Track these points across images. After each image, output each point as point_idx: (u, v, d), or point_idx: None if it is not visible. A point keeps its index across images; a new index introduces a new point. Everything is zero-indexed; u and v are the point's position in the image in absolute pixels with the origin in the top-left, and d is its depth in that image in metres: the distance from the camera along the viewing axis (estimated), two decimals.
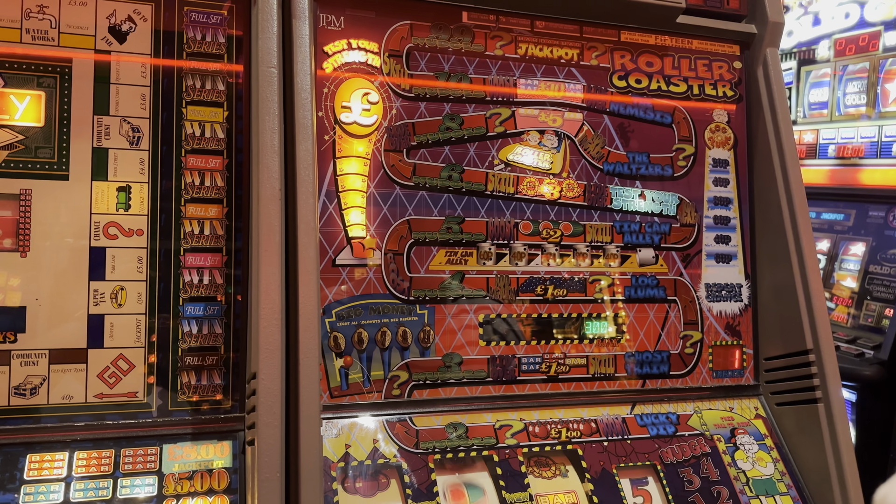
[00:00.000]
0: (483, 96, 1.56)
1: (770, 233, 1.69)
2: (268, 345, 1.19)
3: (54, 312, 1.26)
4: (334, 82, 1.46)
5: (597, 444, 1.49)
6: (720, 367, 1.67)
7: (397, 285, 1.45)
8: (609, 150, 1.64)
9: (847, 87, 3.13)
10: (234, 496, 1.24)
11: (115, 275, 1.29)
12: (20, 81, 1.27)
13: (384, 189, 1.47)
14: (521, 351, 1.53)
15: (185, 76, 1.37)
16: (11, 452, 1.19)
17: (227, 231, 1.36)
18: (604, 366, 1.58)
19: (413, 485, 1.33)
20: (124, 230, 1.31)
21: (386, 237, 1.46)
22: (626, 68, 1.68)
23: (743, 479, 1.53)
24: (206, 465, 1.26)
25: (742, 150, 1.76)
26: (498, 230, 1.54)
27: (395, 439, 1.37)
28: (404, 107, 1.50)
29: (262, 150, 1.28)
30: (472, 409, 1.46)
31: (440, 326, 1.48)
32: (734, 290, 1.71)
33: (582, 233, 1.60)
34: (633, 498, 1.45)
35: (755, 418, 1.64)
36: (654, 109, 1.69)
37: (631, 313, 1.62)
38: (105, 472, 1.21)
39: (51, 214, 1.27)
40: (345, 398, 1.39)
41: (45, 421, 1.24)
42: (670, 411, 1.59)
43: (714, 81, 1.75)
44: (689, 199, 1.70)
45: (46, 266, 1.26)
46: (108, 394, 1.27)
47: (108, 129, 1.31)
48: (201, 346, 1.32)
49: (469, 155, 1.54)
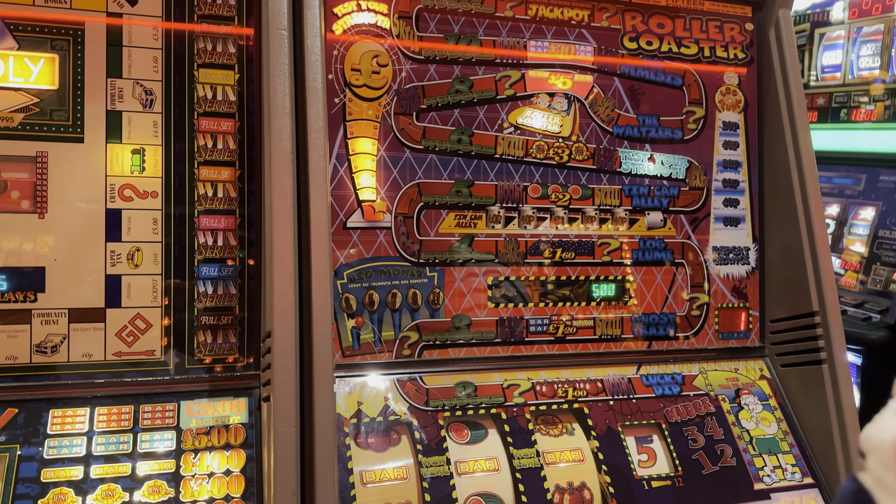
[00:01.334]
0: (493, 58, 1.56)
1: (779, 196, 1.69)
2: (282, 304, 1.22)
3: (72, 273, 1.28)
4: (344, 45, 1.46)
5: (602, 403, 1.52)
6: (726, 328, 1.69)
7: (407, 248, 1.47)
8: (619, 112, 1.65)
9: (861, 50, 3.09)
10: (250, 450, 1.28)
11: (130, 236, 1.32)
12: (34, 44, 1.28)
13: (394, 152, 1.48)
14: (528, 313, 1.55)
15: (196, 39, 1.38)
16: (34, 408, 1.23)
17: (239, 193, 1.38)
18: (611, 327, 1.61)
19: (423, 440, 1.37)
20: (139, 192, 1.33)
21: (396, 200, 1.47)
22: (636, 30, 1.67)
23: (746, 437, 1.56)
24: (223, 420, 1.29)
25: (752, 113, 1.76)
26: (507, 193, 1.55)
27: (406, 397, 1.41)
28: (414, 69, 1.50)
29: (273, 113, 1.29)
30: (481, 369, 1.50)
31: (450, 288, 1.50)
32: (741, 253, 1.72)
33: (591, 196, 1.61)
34: (637, 455, 1.48)
35: (760, 379, 1.67)
36: (664, 72, 1.69)
37: (638, 276, 1.64)
38: (125, 427, 1.25)
39: (67, 176, 1.29)
40: (356, 357, 1.42)
41: (66, 378, 1.27)
42: (676, 372, 1.62)
43: (725, 43, 1.74)
44: (698, 162, 1.70)
45: (64, 227, 1.28)
46: (127, 352, 1.31)
47: (121, 92, 1.33)
48: (217, 306, 1.35)
49: (479, 118, 1.55)
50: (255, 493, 1.24)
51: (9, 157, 1.26)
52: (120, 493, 1.19)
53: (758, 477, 1.52)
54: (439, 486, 1.33)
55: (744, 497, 1.49)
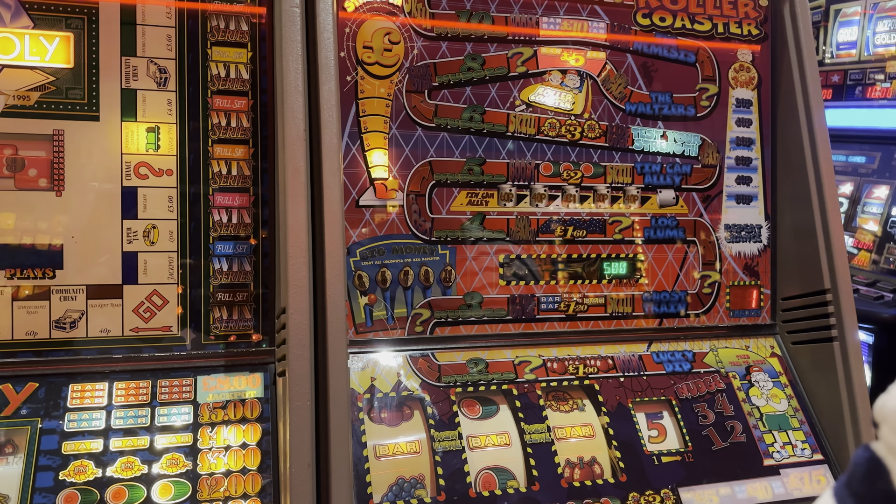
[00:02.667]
0: (505, 35, 1.56)
1: (792, 174, 1.69)
2: (296, 280, 1.23)
3: (90, 250, 1.30)
4: (356, 22, 1.46)
5: (613, 379, 1.53)
6: (737, 306, 1.70)
7: (419, 226, 1.48)
8: (632, 90, 1.64)
9: (877, 26, 3.05)
10: (266, 424, 1.30)
11: (146, 213, 1.33)
12: (49, 23, 1.29)
13: (406, 130, 1.48)
14: (540, 290, 1.56)
15: (209, 17, 1.38)
16: (55, 382, 1.26)
17: (253, 171, 1.39)
18: (622, 305, 1.61)
19: (435, 416, 1.38)
20: (154, 170, 1.34)
21: (408, 178, 1.48)
22: (650, 6, 1.66)
23: (757, 414, 1.57)
24: (239, 395, 1.32)
25: (766, 91, 1.74)
26: (519, 171, 1.56)
27: (418, 373, 1.42)
28: (426, 47, 1.50)
29: (286, 91, 1.29)
30: (493, 346, 1.51)
31: (461, 266, 1.51)
32: (754, 230, 1.72)
33: (602, 174, 1.61)
34: (648, 431, 1.50)
35: (770, 356, 1.67)
36: (677, 48, 1.68)
37: (650, 254, 1.64)
38: (143, 401, 1.28)
39: (83, 154, 1.30)
40: (369, 334, 1.44)
41: (85, 353, 1.30)
42: (686, 349, 1.62)
43: (739, 20, 1.72)
44: (711, 139, 1.70)
45: (81, 205, 1.30)
46: (144, 328, 1.33)
47: (135, 71, 1.34)
48: (232, 282, 1.37)
49: (490, 96, 1.54)
50: (270, 466, 1.26)
51: (26, 136, 1.28)
52: (139, 465, 1.21)
53: (767, 453, 1.53)
54: (451, 459, 1.35)
55: (753, 473, 1.50)
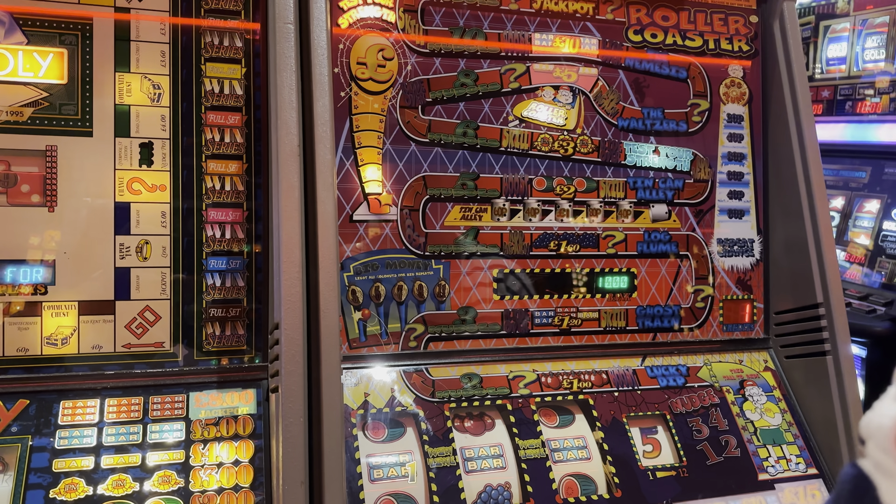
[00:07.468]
0: (498, 52, 1.57)
1: (783, 188, 1.70)
2: (290, 296, 1.23)
3: (82, 265, 1.30)
4: (350, 38, 1.47)
5: (607, 394, 1.53)
6: (731, 320, 1.70)
7: (413, 241, 1.48)
8: (624, 105, 1.65)
9: (866, 42, 3.08)
10: (258, 441, 1.29)
11: (139, 229, 1.33)
12: (43, 39, 1.29)
13: (399, 146, 1.49)
14: (534, 305, 1.56)
15: (203, 33, 1.38)
16: (46, 399, 1.25)
17: (247, 187, 1.39)
18: (615, 319, 1.62)
19: (429, 431, 1.38)
20: (147, 186, 1.34)
21: (402, 193, 1.48)
22: (641, 22, 1.67)
23: (751, 428, 1.57)
24: (232, 411, 1.31)
25: (757, 106, 1.76)
26: (512, 186, 1.56)
27: (412, 388, 1.42)
28: (419, 63, 1.51)
29: (280, 107, 1.29)
30: (487, 361, 1.51)
31: (455, 281, 1.51)
32: (746, 245, 1.72)
33: (595, 189, 1.62)
34: (642, 446, 1.49)
35: (764, 371, 1.67)
36: (669, 64, 1.69)
37: (643, 268, 1.64)
38: (135, 417, 1.27)
39: (76, 170, 1.30)
40: (363, 349, 1.43)
41: (77, 370, 1.29)
42: (680, 364, 1.62)
43: (730, 36, 1.74)
44: (703, 154, 1.71)
45: (73, 220, 1.30)
46: (136, 344, 1.32)
47: (129, 87, 1.34)
48: (225, 298, 1.36)
49: (484, 111, 1.55)
50: (263, 483, 1.25)
51: (19, 151, 1.28)
52: (130, 482, 1.20)
53: (762, 467, 1.53)
54: (445, 475, 1.34)
55: (748, 487, 1.50)
